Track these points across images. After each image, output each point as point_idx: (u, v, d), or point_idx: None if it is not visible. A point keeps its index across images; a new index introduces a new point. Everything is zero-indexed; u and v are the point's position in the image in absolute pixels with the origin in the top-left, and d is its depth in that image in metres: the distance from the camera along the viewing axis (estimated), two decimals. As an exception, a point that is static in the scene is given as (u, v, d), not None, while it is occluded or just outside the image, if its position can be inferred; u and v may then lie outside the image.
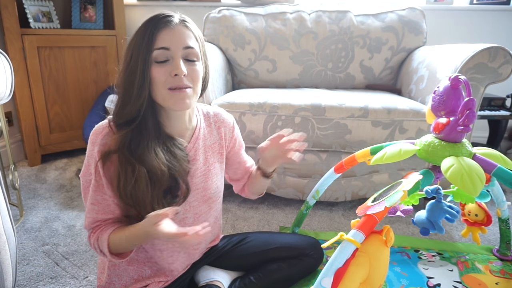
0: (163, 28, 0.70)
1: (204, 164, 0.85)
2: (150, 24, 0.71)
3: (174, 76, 0.70)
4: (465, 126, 0.71)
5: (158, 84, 0.71)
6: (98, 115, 1.85)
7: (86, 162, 0.75)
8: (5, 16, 1.67)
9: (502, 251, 1.17)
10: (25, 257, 1.14)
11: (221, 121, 0.90)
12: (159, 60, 0.70)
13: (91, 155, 0.73)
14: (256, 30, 1.81)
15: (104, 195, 0.74)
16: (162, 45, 0.69)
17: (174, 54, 0.70)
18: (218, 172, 0.89)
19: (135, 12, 2.26)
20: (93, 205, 0.74)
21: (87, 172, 0.75)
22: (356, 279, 0.66)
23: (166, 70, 0.70)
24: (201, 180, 0.84)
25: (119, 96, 0.74)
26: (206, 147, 0.86)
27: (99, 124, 0.75)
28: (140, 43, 0.70)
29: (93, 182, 0.73)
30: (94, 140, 0.73)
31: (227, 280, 0.94)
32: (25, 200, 1.52)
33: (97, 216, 0.75)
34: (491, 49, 1.22)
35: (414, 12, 1.83)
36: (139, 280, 0.84)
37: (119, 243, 0.73)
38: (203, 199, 0.85)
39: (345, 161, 1.03)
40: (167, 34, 0.70)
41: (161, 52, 0.70)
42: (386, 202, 0.67)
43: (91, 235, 0.76)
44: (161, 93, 0.71)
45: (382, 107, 1.31)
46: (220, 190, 0.92)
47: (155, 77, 0.70)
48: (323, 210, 1.48)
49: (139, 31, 0.71)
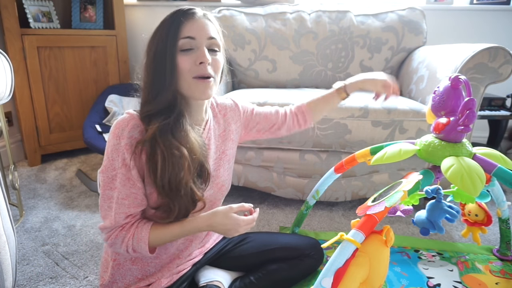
0: (188, 19, 0.73)
1: (216, 152, 0.88)
2: (175, 16, 0.73)
3: (199, 64, 0.73)
4: (465, 126, 0.71)
5: (183, 72, 0.73)
6: (98, 115, 1.85)
7: (110, 157, 0.72)
8: (5, 16, 1.67)
9: (502, 251, 1.17)
10: (25, 257, 1.14)
11: (224, 107, 0.94)
12: (184, 48, 0.72)
13: (116, 149, 0.71)
14: (256, 30, 1.81)
15: (133, 188, 0.73)
16: (187, 34, 0.72)
17: (199, 43, 0.73)
18: (229, 160, 0.93)
19: (135, 12, 2.26)
20: (124, 200, 0.73)
21: (110, 167, 0.72)
22: (356, 279, 0.66)
23: (191, 58, 0.73)
24: (214, 168, 0.88)
25: (147, 88, 0.75)
26: (216, 136, 0.89)
27: (122, 118, 0.74)
28: (166, 34, 0.72)
29: (121, 177, 0.72)
30: (119, 134, 0.71)
31: (227, 280, 0.94)
32: (25, 200, 1.52)
33: (129, 210, 0.74)
34: (491, 49, 1.22)
35: (414, 12, 1.83)
36: (142, 279, 0.84)
37: (161, 237, 0.75)
38: (217, 187, 0.88)
39: (345, 161, 1.03)
40: (192, 24, 0.73)
41: (187, 41, 0.72)
42: (386, 202, 0.67)
43: (119, 233, 0.74)
44: (187, 81, 0.73)
45: (382, 107, 1.31)
46: (230, 178, 0.95)
47: (180, 65, 0.72)
48: (323, 210, 1.48)
49: (164, 23, 0.74)
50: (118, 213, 0.73)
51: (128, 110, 0.76)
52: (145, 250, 0.74)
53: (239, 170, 1.46)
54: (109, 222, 0.74)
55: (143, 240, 0.74)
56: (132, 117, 0.73)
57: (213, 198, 0.88)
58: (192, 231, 0.78)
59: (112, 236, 0.74)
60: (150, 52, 0.74)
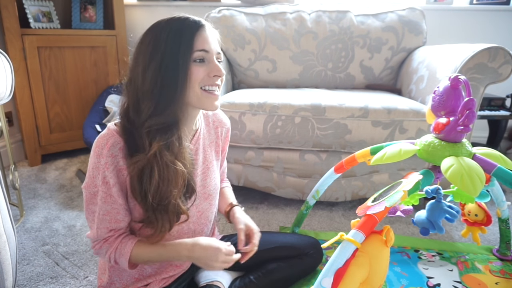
0: (200, 31, 0.73)
1: (203, 163, 0.88)
2: (185, 26, 0.72)
3: (213, 76, 0.73)
4: (465, 126, 0.71)
5: (194, 83, 0.72)
6: (98, 115, 1.85)
7: (91, 174, 0.72)
8: (5, 16, 1.67)
9: (502, 251, 1.17)
10: (25, 257, 1.14)
11: (219, 121, 0.94)
12: (197, 59, 0.72)
13: (96, 167, 0.72)
14: (256, 30, 1.81)
15: (114, 204, 0.74)
16: (202, 47, 0.72)
17: (211, 57, 0.74)
18: (215, 169, 0.92)
19: (135, 12, 2.26)
20: (105, 215, 0.75)
21: (91, 184, 0.73)
22: (356, 279, 0.66)
23: (205, 69, 0.73)
24: (201, 178, 0.87)
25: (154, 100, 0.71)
26: (205, 146, 0.89)
27: (102, 135, 0.73)
28: (178, 45, 0.70)
29: (101, 194, 0.73)
30: (99, 152, 0.71)
31: (227, 280, 0.94)
32: (25, 200, 1.52)
33: (110, 225, 0.76)
34: (491, 49, 1.22)
35: (414, 12, 1.83)
36: (140, 280, 0.85)
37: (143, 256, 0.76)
38: (204, 197, 0.88)
39: (345, 161, 1.03)
40: (205, 37, 0.73)
41: (202, 54, 0.72)
42: (386, 202, 0.67)
43: (103, 244, 0.76)
44: (196, 92, 0.73)
45: (382, 107, 1.31)
46: (218, 187, 0.94)
47: (194, 75, 0.72)
48: (323, 210, 1.48)
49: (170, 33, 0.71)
50: (100, 228, 0.76)
51: (109, 125, 0.75)
52: (125, 266, 0.76)
53: (239, 170, 1.46)
54: (93, 234, 0.77)
55: (124, 256, 0.75)
56: (111, 134, 0.72)
57: (201, 209, 0.88)
58: (172, 257, 0.78)
59: (97, 246, 0.77)
60: (155, 62, 0.70)
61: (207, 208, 0.90)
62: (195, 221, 0.87)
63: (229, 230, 1.32)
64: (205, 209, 0.89)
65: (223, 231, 1.30)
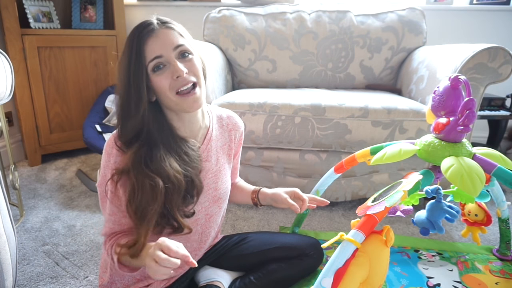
0: (148, 38, 0.70)
1: (216, 165, 0.87)
2: (134, 38, 0.70)
3: (176, 78, 0.71)
4: (465, 126, 0.71)
5: (165, 92, 0.71)
6: (98, 115, 1.85)
7: (103, 173, 0.73)
8: (5, 16, 1.67)
9: (502, 251, 1.17)
10: (25, 257, 1.14)
11: (234, 124, 0.93)
12: (156, 69, 0.71)
13: (107, 165, 0.73)
14: (256, 30, 1.81)
15: (121, 206, 0.74)
16: (154, 55, 0.70)
17: (168, 58, 0.71)
18: (227, 173, 0.92)
19: (135, 12, 2.26)
20: (110, 216, 0.75)
21: (103, 182, 0.73)
22: (356, 279, 0.66)
23: (167, 76, 0.71)
24: (212, 180, 0.86)
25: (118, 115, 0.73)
26: (218, 148, 0.88)
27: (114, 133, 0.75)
28: (129, 60, 0.70)
29: (110, 194, 0.73)
30: (109, 151, 0.72)
31: (227, 280, 0.94)
32: (25, 200, 1.52)
33: (114, 227, 0.77)
34: (491, 49, 1.22)
35: (414, 12, 1.83)
36: (141, 280, 0.85)
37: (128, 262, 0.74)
38: (213, 199, 0.87)
39: (345, 161, 1.03)
40: (154, 42, 0.70)
41: (155, 62, 0.70)
42: (386, 202, 0.67)
43: (107, 241, 0.77)
44: (171, 99, 0.72)
45: (382, 107, 1.31)
46: (228, 190, 0.94)
47: (159, 86, 0.71)
48: (323, 210, 1.48)
49: (126, 48, 0.71)
50: (106, 226, 0.78)
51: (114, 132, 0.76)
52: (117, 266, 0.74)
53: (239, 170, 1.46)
54: (103, 230, 0.79)
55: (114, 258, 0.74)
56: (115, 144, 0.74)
57: (210, 212, 0.87)
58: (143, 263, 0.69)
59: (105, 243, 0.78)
60: (119, 79, 0.72)
61: (216, 212, 0.90)
62: (203, 223, 0.87)
63: (229, 230, 1.32)
64: (214, 212, 0.89)
65: (223, 231, 1.30)
